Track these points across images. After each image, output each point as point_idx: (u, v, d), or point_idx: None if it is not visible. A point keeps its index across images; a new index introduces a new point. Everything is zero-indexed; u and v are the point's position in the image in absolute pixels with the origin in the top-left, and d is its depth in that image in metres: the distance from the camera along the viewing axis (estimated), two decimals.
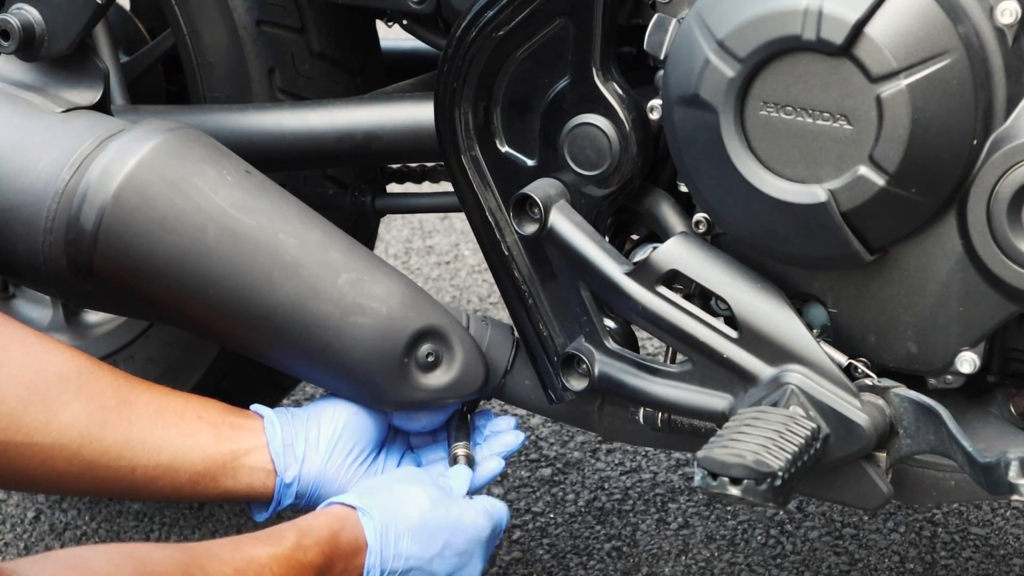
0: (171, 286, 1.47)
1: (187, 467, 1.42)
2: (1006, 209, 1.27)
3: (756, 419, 1.30)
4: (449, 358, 1.51)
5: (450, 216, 2.89)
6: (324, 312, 1.48)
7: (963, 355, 1.34)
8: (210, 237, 1.46)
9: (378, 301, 1.49)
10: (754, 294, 1.38)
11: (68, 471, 1.35)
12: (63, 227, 1.47)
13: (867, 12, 1.24)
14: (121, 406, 1.39)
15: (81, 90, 1.59)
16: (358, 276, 1.49)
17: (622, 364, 1.46)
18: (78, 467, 1.36)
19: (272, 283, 1.47)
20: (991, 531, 1.94)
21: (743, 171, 1.32)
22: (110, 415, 1.37)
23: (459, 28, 1.45)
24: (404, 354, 1.49)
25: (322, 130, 1.64)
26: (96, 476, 1.37)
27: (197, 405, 1.46)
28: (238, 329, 1.50)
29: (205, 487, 1.43)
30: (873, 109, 1.26)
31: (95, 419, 1.36)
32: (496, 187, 1.49)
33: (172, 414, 1.43)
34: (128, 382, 1.42)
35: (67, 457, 1.34)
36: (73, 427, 1.35)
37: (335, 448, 1.49)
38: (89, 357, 1.42)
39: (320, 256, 1.49)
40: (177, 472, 1.41)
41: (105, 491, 1.40)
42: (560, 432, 2.20)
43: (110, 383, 1.39)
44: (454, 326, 1.52)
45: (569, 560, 1.91)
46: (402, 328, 1.49)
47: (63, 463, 1.34)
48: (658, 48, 1.38)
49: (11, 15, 1.57)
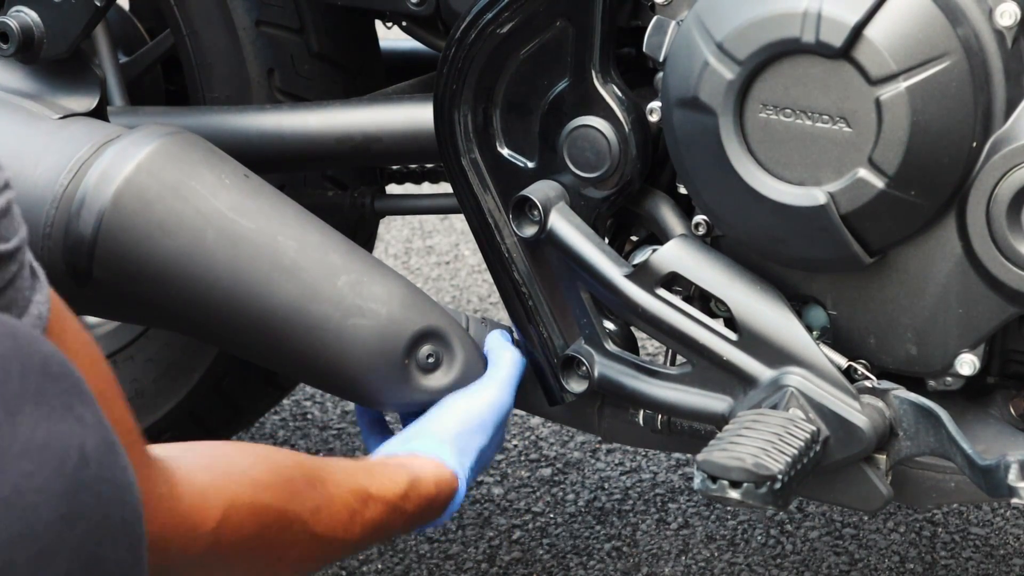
0: (171, 290, 1.47)
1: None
2: (1005, 211, 1.27)
3: (756, 422, 1.30)
4: (450, 359, 1.51)
5: (450, 216, 2.89)
6: (324, 314, 1.47)
7: (963, 357, 1.34)
8: (209, 240, 1.46)
9: (378, 303, 1.49)
10: (754, 296, 1.38)
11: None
12: (61, 233, 1.47)
13: (866, 14, 1.24)
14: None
15: (78, 97, 1.59)
16: (357, 278, 1.49)
17: (622, 366, 1.46)
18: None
19: (272, 285, 1.47)
20: (991, 531, 1.94)
21: (742, 174, 1.32)
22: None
23: (458, 30, 1.45)
24: (405, 355, 1.49)
25: (321, 131, 1.64)
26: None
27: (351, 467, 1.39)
28: (238, 332, 1.49)
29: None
30: (872, 111, 1.25)
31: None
32: (495, 189, 1.49)
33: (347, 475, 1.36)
34: (301, 466, 1.30)
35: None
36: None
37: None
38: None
39: (319, 258, 1.49)
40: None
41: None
42: (560, 432, 2.21)
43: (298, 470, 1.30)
44: (454, 327, 1.52)
45: (569, 560, 1.91)
46: (402, 329, 1.49)
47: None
48: (657, 50, 1.38)
49: (10, 17, 1.57)
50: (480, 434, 1.46)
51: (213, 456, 1.14)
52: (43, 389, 0.83)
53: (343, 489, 1.25)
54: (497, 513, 2.03)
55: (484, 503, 2.05)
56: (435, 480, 1.39)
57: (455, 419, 1.46)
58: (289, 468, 1.19)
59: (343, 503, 1.25)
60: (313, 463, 1.25)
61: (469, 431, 1.45)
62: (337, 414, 2.30)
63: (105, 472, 0.84)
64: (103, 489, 0.84)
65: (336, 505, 1.24)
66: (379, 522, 1.30)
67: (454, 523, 2.00)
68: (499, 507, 2.04)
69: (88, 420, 0.84)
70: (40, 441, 0.81)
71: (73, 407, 0.84)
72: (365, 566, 1.92)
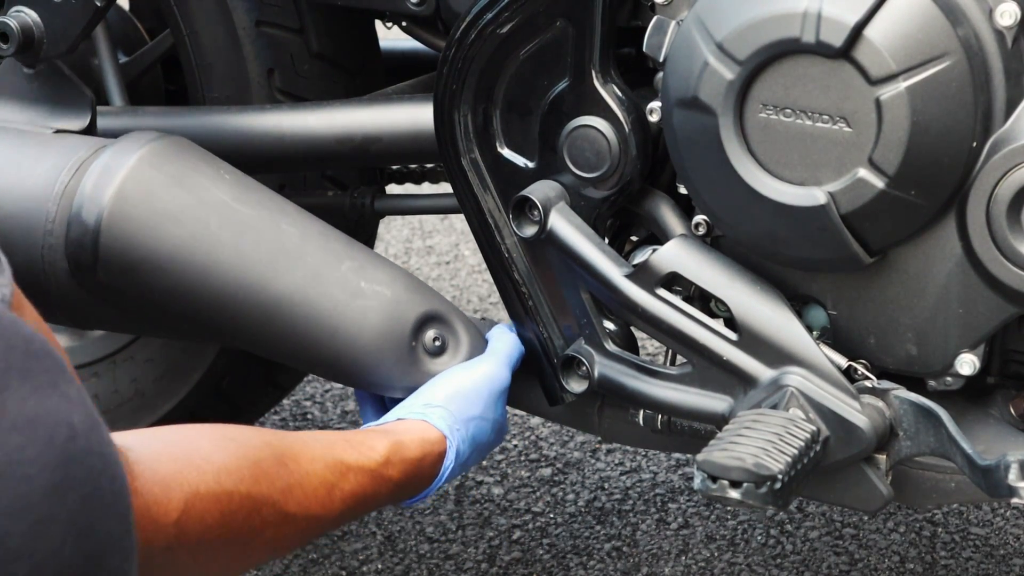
0: (176, 277, 1.47)
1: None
2: (1005, 211, 1.27)
3: (756, 422, 1.30)
4: (455, 343, 1.52)
5: (450, 216, 2.90)
6: (331, 295, 1.48)
7: (963, 357, 1.34)
8: (213, 226, 1.47)
9: (382, 285, 1.50)
10: (754, 296, 1.38)
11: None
12: (64, 227, 1.48)
13: (866, 14, 1.24)
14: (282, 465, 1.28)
15: (69, 119, 1.61)
16: (360, 264, 1.50)
17: (622, 366, 1.46)
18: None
19: (278, 269, 1.48)
20: (991, 531, 1.94)
21: (742, 174, 1.32)
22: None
23: (458, 30, 1.45)
24: (412, 337, 1.50)
25: (321, 132, 1.64)
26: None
27: (331, 437, 1.37)
28: (245, 319, 1.50)
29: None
30: (872, 111, 1.25)
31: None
32: (495, 189, 1.49)
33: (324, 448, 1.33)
34: (270, 445, 1.27)
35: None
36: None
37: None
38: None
39: (322, 244, 1.50)
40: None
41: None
42: (560, 432, 2.21)
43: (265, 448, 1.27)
44: (457, 313, 1.53)
45: (569, 560, 1.91)
46: (408, 310, 1.50)
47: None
48: (657, 50, 1.38)
49: (10, 17, 1.57)
50: (473, 403, 1.44)
51: (175, 443, 1.12)
52: (28, 367, 0.84)
53: (319, 464, 1.24)
54: (497, 513, 2.03)
55: (484, 503, 2.05)
56: (420, 441, 1.37)
57: (446, 386, 1.46)
58: (256, 449, 1.18)
59: (319, 478, 1.23)
60: (284, 440, 1.23)
61: (461, 396, 1.44)
62: (337, 414, 2.30)
63: (93, 445, 0.85)
64: (92, 461, 0.85)
65: (312, 481, 1.22)
66: (361, 493, 1.28)
67: (454, 523, 2.00)
68: (499, 507, 2.04)
69: (73, 396, 0.85)
70: (29, 415, 0.82)
71: (58, 384, 0.85)
72: (365, 566, 1.92)
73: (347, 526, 2.01)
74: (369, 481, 1.30)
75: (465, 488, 2.09)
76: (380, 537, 1.98)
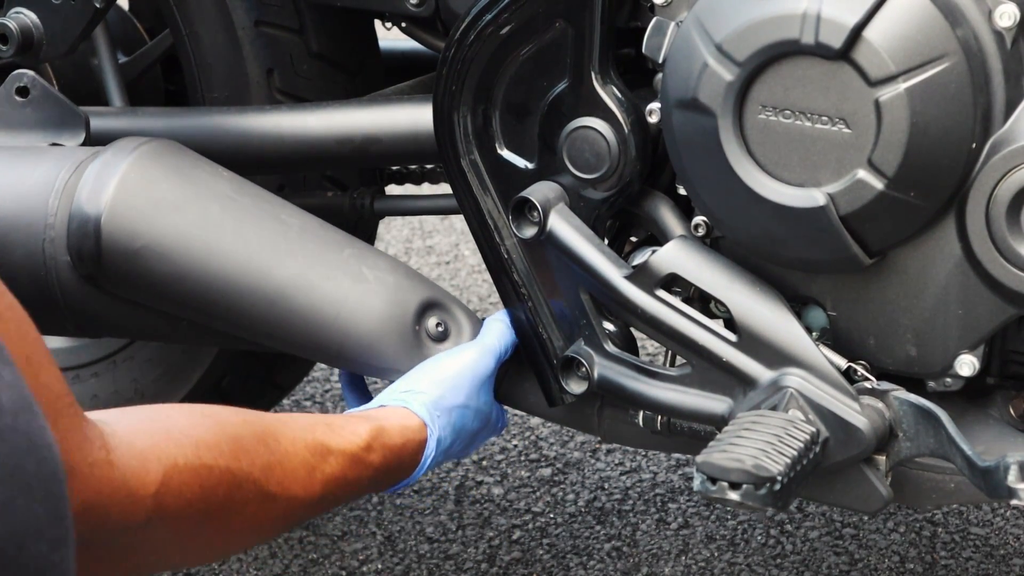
0: (180, 265, 1.48)
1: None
2: (1005, 212, 1.27)
3: (755, 423, 1.30)
4: (456, 330, 1.52)
5: (450, 216, 2.90)
6: (335, 280, 1.49)
7: (962, 358, 1.34)
8: (215, 214, 1.48)
9: (384, 271, 1.51)
10: (753, 297, 1.37)
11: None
12: (65, 221, 1.49)
13: (865, 16, 1.24)
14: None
15: (64, 139, 1.62)
16: (360, 251, 1.52)
17: (621, 367, 1.46)
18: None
19: (280, 255, 1.49)
20: (991, 531, 1.94)
21: (742, 175, 1.32)
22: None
23: (457, 31, 1.45)
24: (415, 322, 1.50)
25: (321, 132, 1.64)
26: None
27: (310, 420, 1.36)
28: (249, 306, 1.50)
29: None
30: (872, 113, 1.25)
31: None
32: (495, 190, 1.49)
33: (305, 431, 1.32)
34: (249, 423, 1.27)
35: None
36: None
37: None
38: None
39: (322, 233, 1.52)
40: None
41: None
42: (560, 432, 2.21)
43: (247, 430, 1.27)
44: (456, 302, 1.54)
45: (569, 560, 1.91)
46: (411, 295, 1.51)
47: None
48: (657, 51, 1.38)
49: (9, 19, 1.58)
50: (456, 391, 1.44)
51: (153, 419, 1.11)
52: None
53: (299, 445, 1.23)
54: (497, 513, 2.03)
55: (484, 503, 2.05)
56: (401, 428, 1.37)
57: (430, 373, 1.45)
58: (235, 425, 1.17)
59: (300, 459, 1.22)
60: (265, 420, 1.22)
61: (443, 383, 1.44)
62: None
63: (20, 424, 0.83)
64: (16, 440, 0.83)
65: (292, 461, 1.21)
66: (341, 477, 1.27)
67: (454, 523, 2.01)
68: (499, 507, 2.04)
69: (6, 378, 0.84)
70: None
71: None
72: (365, 566, 1.93)
73: (347, 526, 2.01)
74: (350, 465, 1.28)
75: (465, 488, 2.09)
76: (380, 537, 1.98)
